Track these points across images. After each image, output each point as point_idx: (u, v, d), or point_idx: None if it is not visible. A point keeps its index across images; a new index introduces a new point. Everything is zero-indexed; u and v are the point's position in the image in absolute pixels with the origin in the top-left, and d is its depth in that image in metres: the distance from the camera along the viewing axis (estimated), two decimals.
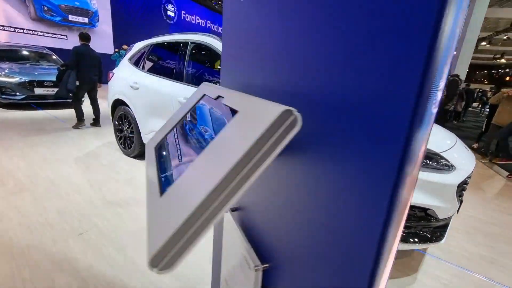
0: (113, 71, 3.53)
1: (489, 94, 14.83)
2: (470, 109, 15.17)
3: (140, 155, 3.38)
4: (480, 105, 17.62)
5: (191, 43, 2.63)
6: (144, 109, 2.97)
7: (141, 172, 3.01)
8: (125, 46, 8.31)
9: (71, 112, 5.26)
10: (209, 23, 18.49)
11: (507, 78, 34.13)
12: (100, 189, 2.54)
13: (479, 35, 13.01)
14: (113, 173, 2.91)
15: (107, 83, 3.60)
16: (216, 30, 19.39)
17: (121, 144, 3.52)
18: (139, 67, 3.16)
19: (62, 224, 1.98)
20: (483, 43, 20.45)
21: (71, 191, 2.47)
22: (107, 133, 4.45)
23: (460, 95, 9.81)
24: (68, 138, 3.97)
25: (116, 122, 3.49)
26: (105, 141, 4.02)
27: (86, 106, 4.86)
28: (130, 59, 3.35)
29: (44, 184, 2.55)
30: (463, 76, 11.14)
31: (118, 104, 3.43)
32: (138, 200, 2.39)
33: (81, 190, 2.49)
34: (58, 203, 2.25)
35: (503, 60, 29.63)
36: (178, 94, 2.54)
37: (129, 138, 3.39)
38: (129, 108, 3.21)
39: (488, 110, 6.97)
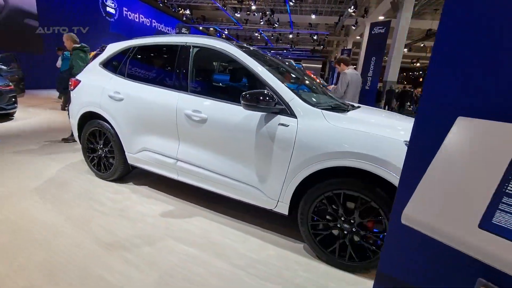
0: (79, 77, 2.90)
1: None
2: (409, 108, 16.95)
3: (121, 178, 2.85)
4: (411, 104, 19.94)
5: (194, 47, 2.29)
6: (132, 124, 2.49)
7: (132, 199, 2.52)
8: (92, 53, 7.07)
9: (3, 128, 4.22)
10: (154, 23, 17.25)
11: (421, 79, 40.61)
12: (89, 228, 2.02)
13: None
14: (97, 204, 2.37)
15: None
16: (163, 30, 18.21)
17: (94, 166, 2.91)
18: (119, 73, 2.65)
19: (56, 287, 1.48)
20: (405, 50, 23.79)
21: (50, 235, 1.90)
22: (62, 152, 3.66)
23: (396, 98, 11.22)
24: (11, 163, 3.13)
25: (87, 140, 2.88)
26: (66, 162, 3.29)
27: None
28: (103, 63, 2.79)
29: (7, 231, 1.91)
30: (395, 79, 12.64)
31: (88, 118, 2.83)
32: (145, 238, 1.97)
33: (64, 232, 1.95)
34: (38, 255, 1.70)
35: (418, 64, 34.91)
36: (184, 106, 2.18)
37: (106, 159, 2.82)
38: (107, 122, 2.66)
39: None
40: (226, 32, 23.78)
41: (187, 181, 2.35)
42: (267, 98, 1.77)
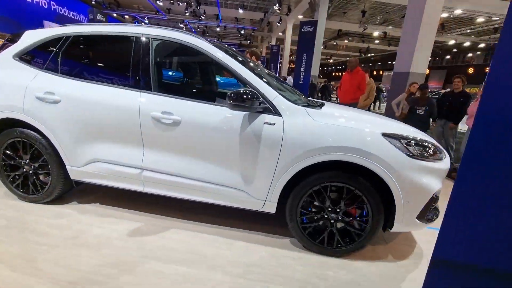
0: None
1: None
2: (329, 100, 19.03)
3: (59, 198, 2.32)
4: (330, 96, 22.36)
5: (154, 39, 2.00)
6: (76, 131, 2.04)
7: (84, 221, 2.09)
8: None
9: None
10: (54, 5, 14.38)
11: (333, 74, 46.16)
12: (38, 268, 1.59)
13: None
14: (37, 236, 1.87)
15: None
16: (66, 15, 15.37)
17: (18, 187, 2.28)
18: (48, 68, 2.11)
19: None
20: (322, 47, 26.59)
21: None
22: None
23: (318, 91, 12.64)
24: None
25: (3, 155, 2.22)
26: None
27: None
28: (19, 56, 2.17)
29: None
30: (316, 74, 13.98)
31: (2, 127, 2.18)
32: (120, 265, 1.67)
33: (5, 283, 1.47)
34: None
35: (331, 60, 39.40)
36: (150, 107, 1.90)
37: (35, 177, 2.25)
38: (36, 131, 2.11)
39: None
40: (146, 21, 21.74)
41: (156, 191, 2.09)
42: (254, 97, 1.70)
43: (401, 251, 2.07)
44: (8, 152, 2.22)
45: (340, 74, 40.63)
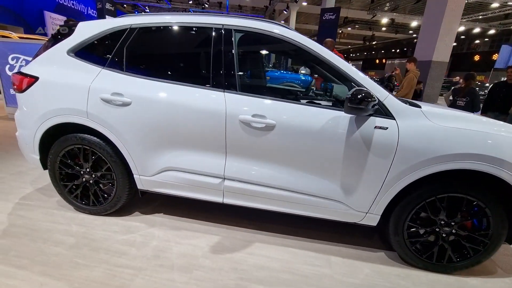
0: (30, 71, 1.93)
1: None
2: None
3: (119, 210, 2.10)
4: None
5: (236, 31, 1.74)
6: (149, 137, 1.81)
7: (158, 236, 1.88)
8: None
9: None
10: None
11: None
12: None
13: None
14: (115, 256, 1.67)
15: None
16: (66, 4, 14.72)
17: (76, 198, 2.06)
18: (111, 66, 1.85)
19: None
20: None
21: None
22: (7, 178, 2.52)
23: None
24: None
25: (59, 163, 1.99)
26: (18, 196, 2.25)
27: None
28: (75, 51, 1.91)
29: None
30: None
31: (56, 133, 1.94)
32: None
33: None
34: None
35: None
36: (238, 110, 1.67)
37: (97, 186, 2.03)
38: (101, 137, 1.88)
39: None
40: (147, 10, 21.01)
41: (236, 202, 1.88)
42: (370, 98, 1.47)
43: (509, 263, 1.90)
44: (65, 160, 1.99)
45: None
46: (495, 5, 15.00)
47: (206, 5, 17.77)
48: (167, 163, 1.86)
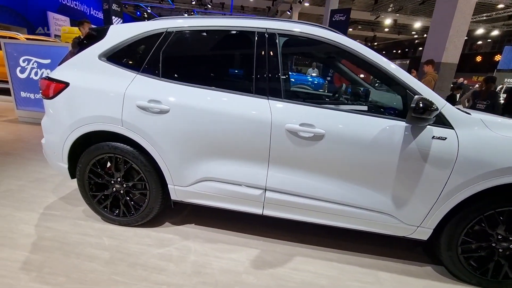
0: (60, 76, 1.84)
1: None
2: None
3: (151, 219, 2.01)
4: None
5: (281, 35, 1.66)
6: (187, 146, 1.72)
7: (194, 250, 1.79)
8: None
9: None
10: None
11: None
12: None
13: None
14: (153, 272, 1.58)
15: None
16: (69, 5, 14.64)
17: (105, 209, 1.97)
18: (147, 71, 1.76)
19: None
20: None
21: None
22: (28, 189, 2.42)
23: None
24: None
25: (89, 173, 1.90)
26: (42, 205, 2.16)
27: None
28: (108, 56, 1.82)
29: None
30: None
31: (88, 140, 1.86)
32: None
33: None
34: None
35: None
36: (284, 118, 1.58)
37: (128, 197, 1.94)
38: (134, 146, 1.79)
39: None
40: (149, 10, 20.91)
41: (276, 214, 1.79)
42: (434, 107, 1.39)
43: None
44: (95, 170, 1.90)
45: None
46: (500, 6, 14.95)
47: (209, 6, 17.68)
48: (205, 173, 1.77)
